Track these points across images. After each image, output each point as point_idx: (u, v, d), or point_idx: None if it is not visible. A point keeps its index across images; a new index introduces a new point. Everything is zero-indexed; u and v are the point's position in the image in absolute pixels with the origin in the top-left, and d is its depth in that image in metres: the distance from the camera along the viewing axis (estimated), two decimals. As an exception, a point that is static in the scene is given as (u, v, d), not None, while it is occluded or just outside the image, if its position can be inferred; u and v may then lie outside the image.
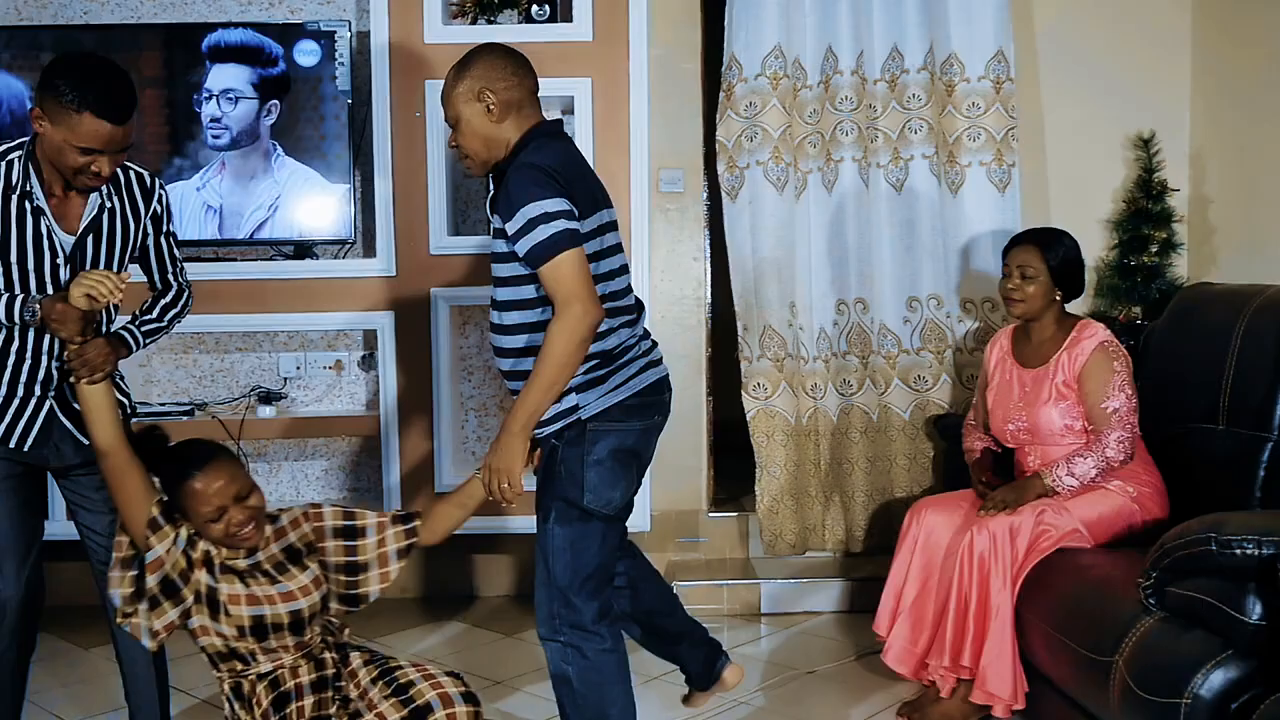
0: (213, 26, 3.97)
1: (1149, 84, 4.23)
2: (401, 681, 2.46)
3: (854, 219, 4.08)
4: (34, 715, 3.25)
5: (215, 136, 3.97)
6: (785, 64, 4.01)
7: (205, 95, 3.95)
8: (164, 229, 2.72)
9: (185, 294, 2.81)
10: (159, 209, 2.69)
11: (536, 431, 2.53)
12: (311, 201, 4.00)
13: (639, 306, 2.66)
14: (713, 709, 3.26)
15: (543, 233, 2.38)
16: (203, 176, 3.97)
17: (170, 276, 2.77)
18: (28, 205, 2.48)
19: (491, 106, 2.53)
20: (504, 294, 2.53)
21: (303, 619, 2.43)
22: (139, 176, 2.66)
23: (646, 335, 2.67)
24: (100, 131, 2.37)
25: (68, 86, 2.35)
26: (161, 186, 2.71)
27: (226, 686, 2.48)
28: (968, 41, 4.00)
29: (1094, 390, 3.15)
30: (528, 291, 2.50)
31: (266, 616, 2.40)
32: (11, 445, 2.57)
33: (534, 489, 2.63)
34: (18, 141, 2.54)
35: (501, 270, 2.53)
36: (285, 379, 4.31)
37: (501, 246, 2.50)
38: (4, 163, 2.48)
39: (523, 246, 2.41)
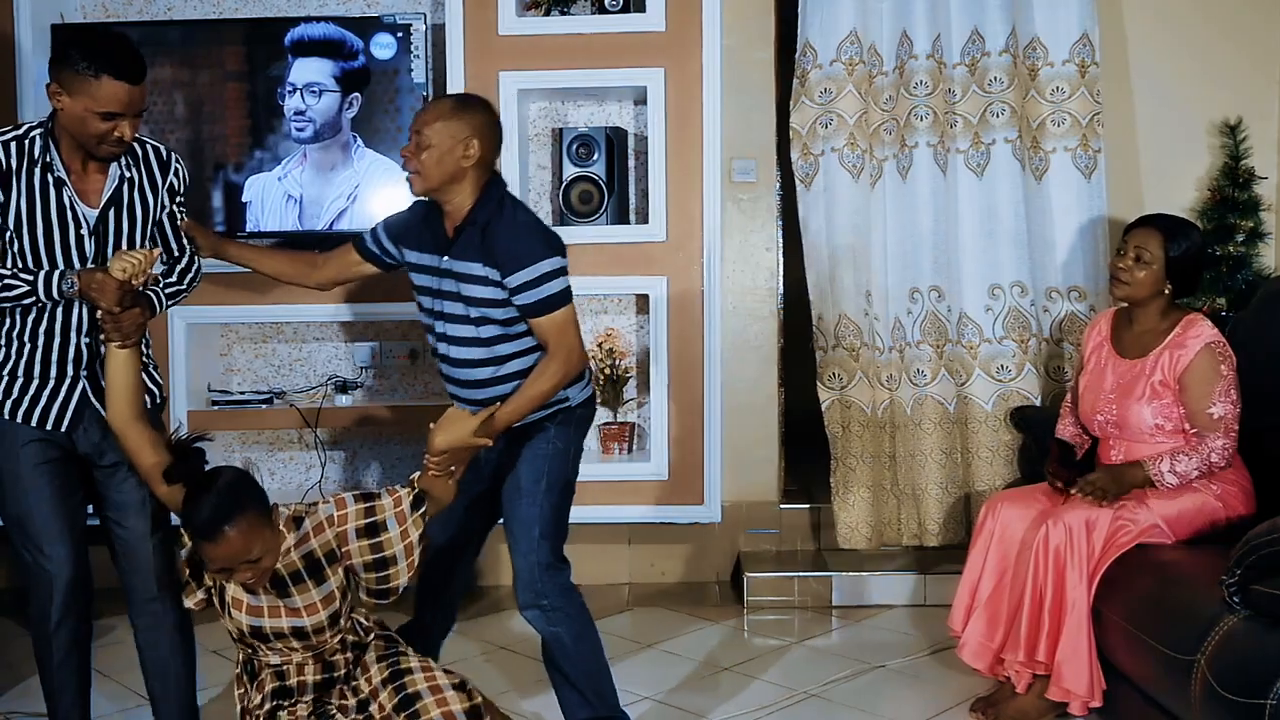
0: (294, 21, 4.04)
1: (1236, 69, 4.12)
2: (409, 691, 2.46)
3: (930, 205, 4.02)
4: (117, 693, 3.34)
5: (299, 129, 4.03)
6: (861, 50, 3.98)
7: (289, 89, 4.02)
8: (178, 200, 2.79)
9: (197, 258, 2.88)
10: (175, 181, 2.76)
11: (531, 418, 2.77)
12: (389, 192, 4.04)
13: None
14: (782, 701, 3.26)
15: (553, 287, 2.67)
16: (284, 167, 4.04)
17: (185, 242, 2.85)
18: (50, 178, 2.56)
19: (470, 153, 2.68)
20: (464, 331, 2.74)
21: (306, 632, 2.44)
22: (156, 150, 2.75)
23: None
24: (119, 93, 2.47)
25: (81, 55, 2.46)
26: (178, 160, 2.78)
27: (241, 657, 2.55)
28: (1051, 24, 3.92)
29: (1198, 395, 3.04)
30: (489, 330, 2.72)
31: (266, 627, 2.43)
32: (48, 427, 2.62)
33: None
34: (37, 121, 2.62)
35: (458, 309, 2.72)
36: (361, 368, 4.38)
37: (476, 291, 2.68)
38: (26, 140, 2.57)
39: (528, 296, 2.65)
